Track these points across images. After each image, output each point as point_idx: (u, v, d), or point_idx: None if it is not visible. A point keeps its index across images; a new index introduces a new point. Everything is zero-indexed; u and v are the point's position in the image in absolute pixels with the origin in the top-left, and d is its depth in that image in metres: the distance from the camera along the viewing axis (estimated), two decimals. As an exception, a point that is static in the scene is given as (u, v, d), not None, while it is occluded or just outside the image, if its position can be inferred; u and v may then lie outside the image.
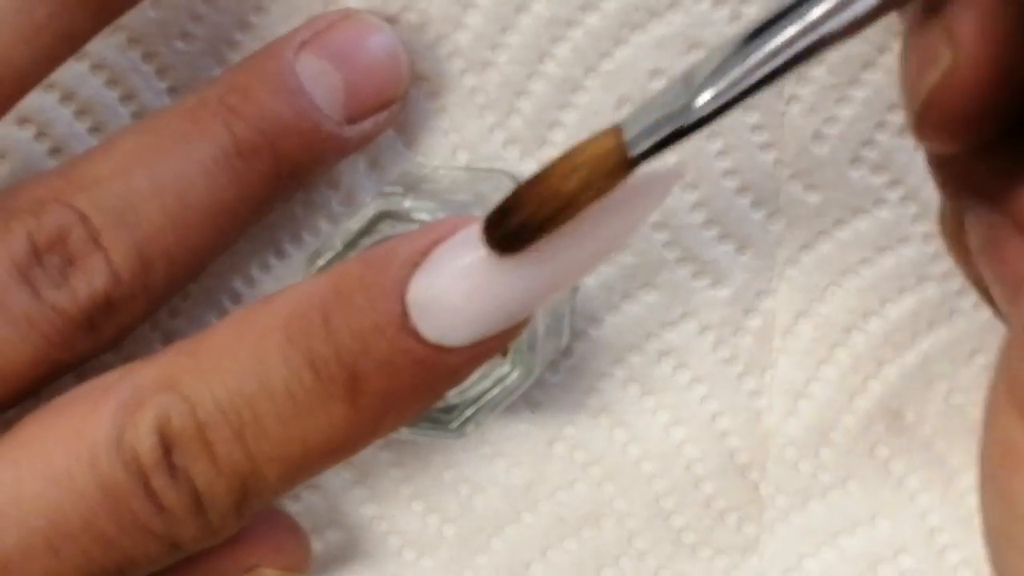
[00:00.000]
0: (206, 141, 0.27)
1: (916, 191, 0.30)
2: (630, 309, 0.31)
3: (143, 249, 0.27)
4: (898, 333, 0.31)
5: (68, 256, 0.27)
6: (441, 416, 0.28)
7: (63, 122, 0.30)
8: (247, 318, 0.25)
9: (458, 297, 0.23)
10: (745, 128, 0.30)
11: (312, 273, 0.28)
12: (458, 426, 0.28)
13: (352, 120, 0.28)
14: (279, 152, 0.28)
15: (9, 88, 0.26)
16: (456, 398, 0.28)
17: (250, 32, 0.30)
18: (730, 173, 0.30)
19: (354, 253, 0.28)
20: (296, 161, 0.28)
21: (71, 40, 0.27)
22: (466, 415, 0.28)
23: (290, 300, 0.25)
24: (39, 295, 0.27)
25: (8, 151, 0.30)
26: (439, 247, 0.23)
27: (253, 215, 0.29)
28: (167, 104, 0.30)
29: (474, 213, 0.26)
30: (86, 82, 0.30)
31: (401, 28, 0.29)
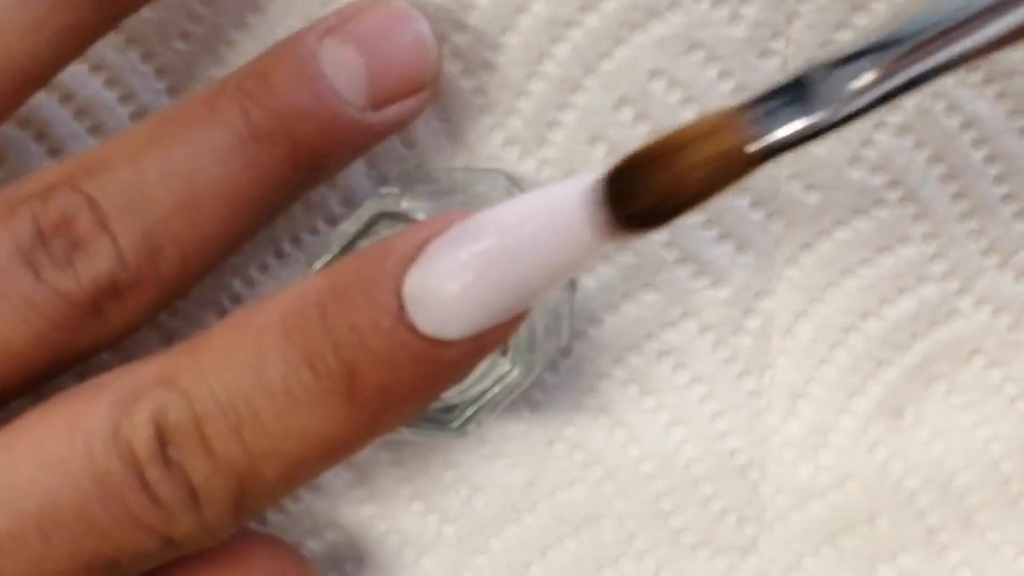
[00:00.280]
0: (221, 126, 0.27)
1: (916, 191, 0.30)
2: (630, 309, 0.31)
3: (151, 234, 0.27)
4: (898, 333, 0.31)
5: (74, 240, 0.26)
6: (442, 416, 0.28)
7: (62, 122, 0.30)
8: (245, 317, 0.25)
9: (454, 290, 0.23)
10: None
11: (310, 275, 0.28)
12: (459, 425, 0.28)
13: (376, 106, 0.28)
14: (296, 137, 0.27)
15: (11, 82, 0.26)
16: (456, 398, 0.28)
17: (248, 32, 0.30)
18: (729, 173, 0.30)
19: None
20: (314, 147, 0.27)
21: (74, 36, 0.27)
22: (467, 414, 0.28)
23: (287, 298, 0.25)
24: (41, 277, 0.26)
25: (8, 151, 0.30)
26: (434, 241, 0.23)
27: (272, 202, 0.28)
28: (166, 104, 0.30)
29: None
30: (85, 82, 0.30)
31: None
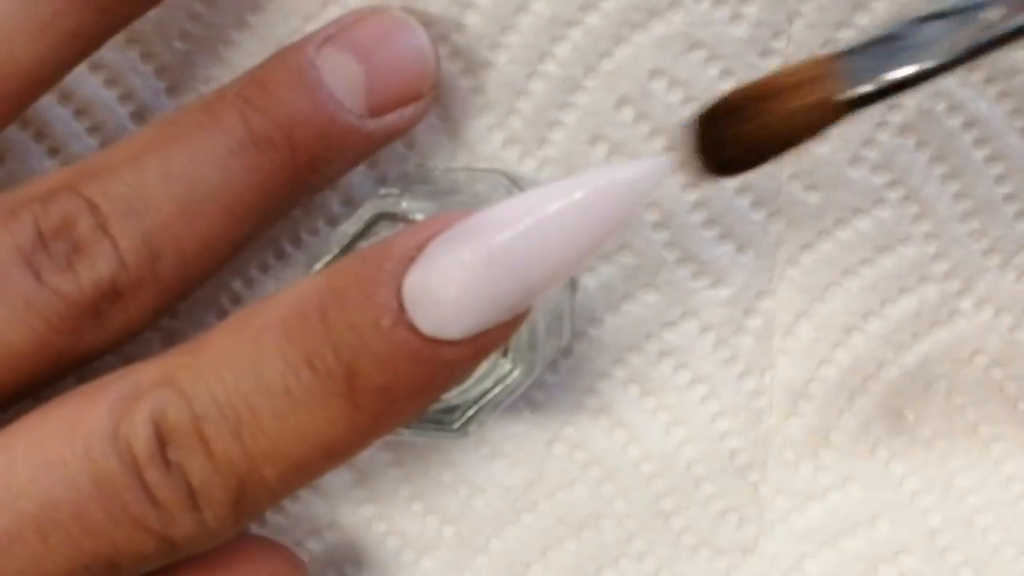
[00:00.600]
0: (221, 132, 0.27)
1: (916, 191, 0.30)
2: (630, 309, 0.31)
3: (152, 238, 0.27)
4: (898, 333, 0.31)
5: (75, 243, 0.26)
6: (443, 417, 0.28)
7: (62, 122, 0.30)
8: (246, 318, 0.25)
9: (454, 289, 0.23)
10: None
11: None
12: (460, 426, 0.28)
13: (375, 114, 0.28)
14: (296, 144, 0.27)
15: (15, 86, 0.26)
16: (457, 398, 0.28)
17: (249, 32, 0.30)
18: (730, 173, 0.30)
19: None
20: (314, 154, 0.28)
21: (79, 40, 0.27)
22: (468, 415, 0.28)
23: (288, 298, 0.25)
24: (42, 279, 0.26)
25: (8, 151, 0.30)
26: (434, 241, 0.23)
27: (271, 208, 0.28)
28: (166, 104, 0.30)
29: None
30: (85, 82, 0.30)
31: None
